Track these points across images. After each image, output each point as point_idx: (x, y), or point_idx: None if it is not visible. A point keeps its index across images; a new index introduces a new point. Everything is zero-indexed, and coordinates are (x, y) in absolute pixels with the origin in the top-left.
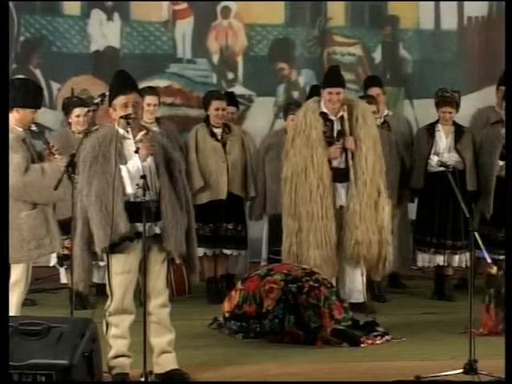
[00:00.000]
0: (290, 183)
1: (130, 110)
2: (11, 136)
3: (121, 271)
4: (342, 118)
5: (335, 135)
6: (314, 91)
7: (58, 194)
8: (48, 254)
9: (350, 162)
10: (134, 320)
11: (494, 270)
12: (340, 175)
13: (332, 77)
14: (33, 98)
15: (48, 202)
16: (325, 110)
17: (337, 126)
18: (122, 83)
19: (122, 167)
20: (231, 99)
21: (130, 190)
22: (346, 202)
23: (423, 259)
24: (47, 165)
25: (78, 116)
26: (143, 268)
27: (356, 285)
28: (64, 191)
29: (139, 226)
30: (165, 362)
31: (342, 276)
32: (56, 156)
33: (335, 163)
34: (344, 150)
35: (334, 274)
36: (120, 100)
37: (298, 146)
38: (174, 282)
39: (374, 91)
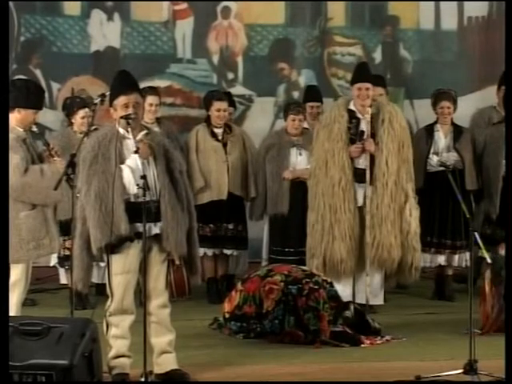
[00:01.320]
0: (313, 177)
1: (130, 111)
2: (11, 136)
3: (121, 271)
4: (366, 118)
5: (358, 133)
6: (310, 91)
7: (56, 196)
8: (47, 254)
9: (367, 164)
10: (134, 320)
11: (504, 250)
12: (360, 175)
13: (361, 72)
14: (34, 98)
15: (46, 203)
16: (353, 108)
17: (362, 126)
18: (123, 83)
19: (123, 166)
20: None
21: (129, 189)
22: (364, 203)
23: (424, 259)
24: (46, 166)
25: (82, 118)
26: (143, 268)
27: (376, 287)
28: (62, 193)
29: (139, 226)
30: (165, 362)
31: (359, 277)
32: (55, 158)
33: (358, 163)
34: (364, 150)
35: (354, 270)
36: (121, 100)
37: (321, 140)
38: (174, 283)
39: (377, 91)
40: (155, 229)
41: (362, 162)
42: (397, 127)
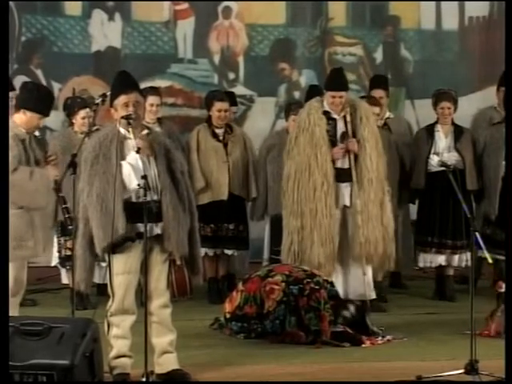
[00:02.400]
0: (292, 181)
1: (130, 110)
2: (10, 134)
3: (122, 271)
4: (344, 117)
5: (338, 135)
6: (313, 91)
7: (40, 201)
8: (30, 257)
9: (353, 163)
10: (135, 320)
11: (503, 288)
12: (343, 175)
13: (335, 80)
14: (43, 104)
15: (30, 206)
16: (328, 109)
17: (339, 126)
18: (123, 83)
19: (123, 163)
20: (230, 99)
21: (129, 186)
22: (351, 202)
23: (424, 259)
24: (37, 170)
25: (83, 118)
26: (144, 268)
27: (367, 283)
28: (47, 200)
29: (140, 227)
30: (166, 362)
31: (346, 276)
32: (49, 165)
33: (339, 163)
34: (347, 151)
35: (333, 272)
36: (121, 100)
37: (302, 145)
38: (176, 283)
39: (379, 93)
40: (156, 229)
41: (345, 162)
42: (372, 123)
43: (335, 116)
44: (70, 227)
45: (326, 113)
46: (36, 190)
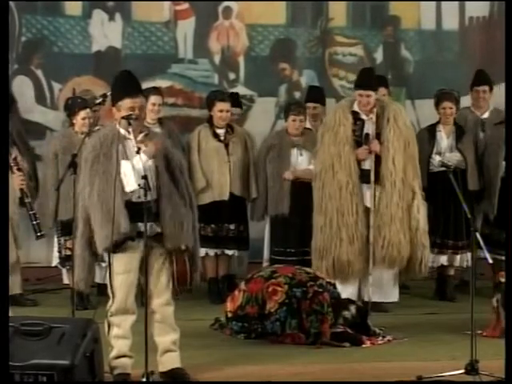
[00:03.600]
0: (319, 179)
1: (136, 113)
2: None
3: (122, 271)
4: (372, 119)
5: (364, 136)
6: (310, 92)
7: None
8: None
9: (373, 165)
10: (135, 320)
11: (504, 277)
12: (366, 176)
13: (363, 79)
14: None
15: None
16: (356, 109)
17: (367, 126)
18: (130, 85)
19: (123, 162)
20: (236, 100)
21: (128, 186)
22: (372, 204)
23: None
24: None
25: (83, 118)
26: (144, 267)
27: (389, 285)
28: (14, 211)
29: (141, 226)
30: (168, 361)
31: (369, 277)
32: (15, 171)
33: (365, 164)
34: (371, 152)
35: (362, 271)
36: (126, 102)
37: (327, 143)
38: (177, 274)
39: (380, 91)
40: (157, 228)
41: (368, 163)
42: (401, 125)
43: (363, 117)
44: (39, 234)
45: (354, 113)
46: None
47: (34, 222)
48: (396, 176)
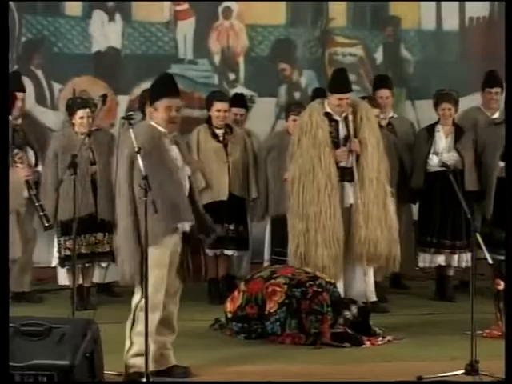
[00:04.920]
0: (297, 184)
1: (173, 114)
2: None
3: (156, 264)
4: (346, 118)
5: (341, 137)
6: (318, 94)
7: (12, 205)
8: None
9: (355, 163)
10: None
11: (502, 285)
12: (347, 174)
13: (340, 82)
14: None
15: None
16: (329, 111)
17: (341, 127)
18: (170, 86)
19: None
20: (240, 100)
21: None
22: (356, 202)
23: (424, 259)
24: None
25: (81, 118)
26: (145, 268)
27: (368, 284)
28: (21, 203)
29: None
30: (166, 359)
31: (350, 276)
32: (18, 165)
33: (342, 163)
34: (350, 151)
35: (340, 274)
36: (165, 102)
37: (305, 147)
38: (192, 265)
39: (385, 93)
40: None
41: (349, 161)
42: (374, 124)
43: (337, 117)
44: (47, 225)
45: (327, 114)
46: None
47: (42, 213)
48: (373, 173)
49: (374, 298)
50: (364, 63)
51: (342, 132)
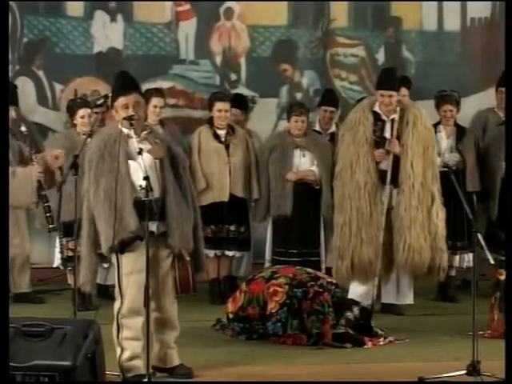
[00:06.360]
0: (339, 179)
1: (130, 111)
2: None
3: (131, 271)
4: (393, 120)
5: (386, 137)
6: (326, 95)
7: (25, 200)
8: (17, 254)
9: (390, 165)
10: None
11: (504, 275)
12: (384, 177)
13: (384, 79)
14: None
15: (13, 205)
16: (377, 110)
17: (388, 128)
18: (122, 84)
19: (130, 162)
20: (240, 101)
21: (137, 186)
22: (393, 205)
23: None
24: (20, 169)
25: (82, 117)
26: (146, 267)
27: (405, 287)
28: (33, 200)
29: (150, 225)
30: (170, 358)
31: (388, 278)
32: (33, 163)
33: (383, 164)
34: (389, 153)
35: (380, 272)
36: (120, 101)
37: (346, 143)
38: (179, 279)
39: (402, 92)
40: (163, 227)
41: (387, 165)
42: (421, 129)
43: (384, 118)
44: (51, 226)
45: (375, 113)
46: (18, 188)
47: (48, 214)
48: (415, 179)
49: (407, 301)
50: (365, 64)
51: (387, 133)
